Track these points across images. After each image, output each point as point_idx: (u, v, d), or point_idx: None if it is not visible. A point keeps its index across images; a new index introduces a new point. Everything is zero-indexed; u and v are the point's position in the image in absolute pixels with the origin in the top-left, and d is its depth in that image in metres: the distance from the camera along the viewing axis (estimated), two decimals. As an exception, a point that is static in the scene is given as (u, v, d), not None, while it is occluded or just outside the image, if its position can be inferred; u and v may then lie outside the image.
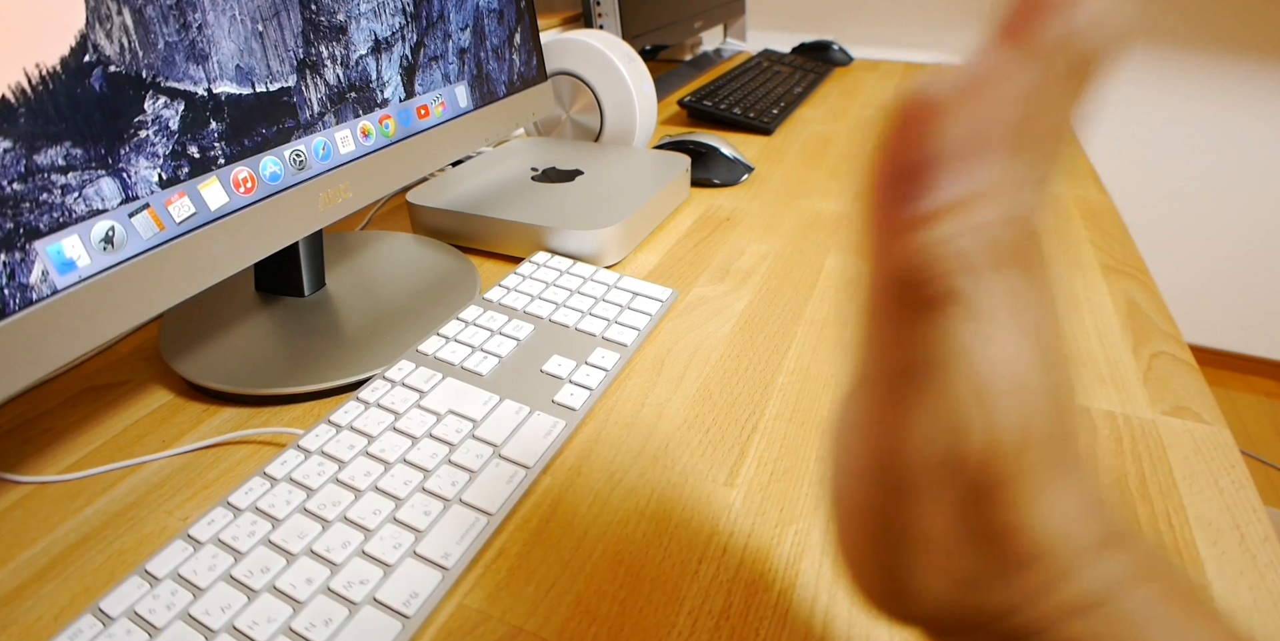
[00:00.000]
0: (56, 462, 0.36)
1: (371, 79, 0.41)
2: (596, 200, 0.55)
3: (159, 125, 0.30)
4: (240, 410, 0.39)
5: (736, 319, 0.46)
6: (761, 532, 0.31)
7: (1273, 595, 0.28)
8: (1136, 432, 0.37)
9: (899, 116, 0.11)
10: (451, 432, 0.34)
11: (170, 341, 0.42)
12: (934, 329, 0.12)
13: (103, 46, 0.28)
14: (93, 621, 0.25)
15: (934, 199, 0.11)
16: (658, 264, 0.53)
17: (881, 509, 0.14)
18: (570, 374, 0.39)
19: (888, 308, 0.12)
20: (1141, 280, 0.51)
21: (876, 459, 0.14)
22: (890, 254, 0.11)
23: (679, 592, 0.28)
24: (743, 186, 0.69)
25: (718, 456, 0.35)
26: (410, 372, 0.38)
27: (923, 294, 0.11)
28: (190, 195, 0.32)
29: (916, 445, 0.13)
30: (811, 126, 0.88)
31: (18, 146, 0.25)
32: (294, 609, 0.26)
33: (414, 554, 0.29)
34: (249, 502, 0.30)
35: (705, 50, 1.34)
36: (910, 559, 0.14)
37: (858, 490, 0.14)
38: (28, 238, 0.26)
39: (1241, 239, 1.60)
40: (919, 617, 0.15)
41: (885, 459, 0.14)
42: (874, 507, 0.14)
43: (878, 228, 0.12)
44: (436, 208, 0.55)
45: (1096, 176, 0.72)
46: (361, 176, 0.41)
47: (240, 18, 0.33)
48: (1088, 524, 0.14)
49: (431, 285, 0.49)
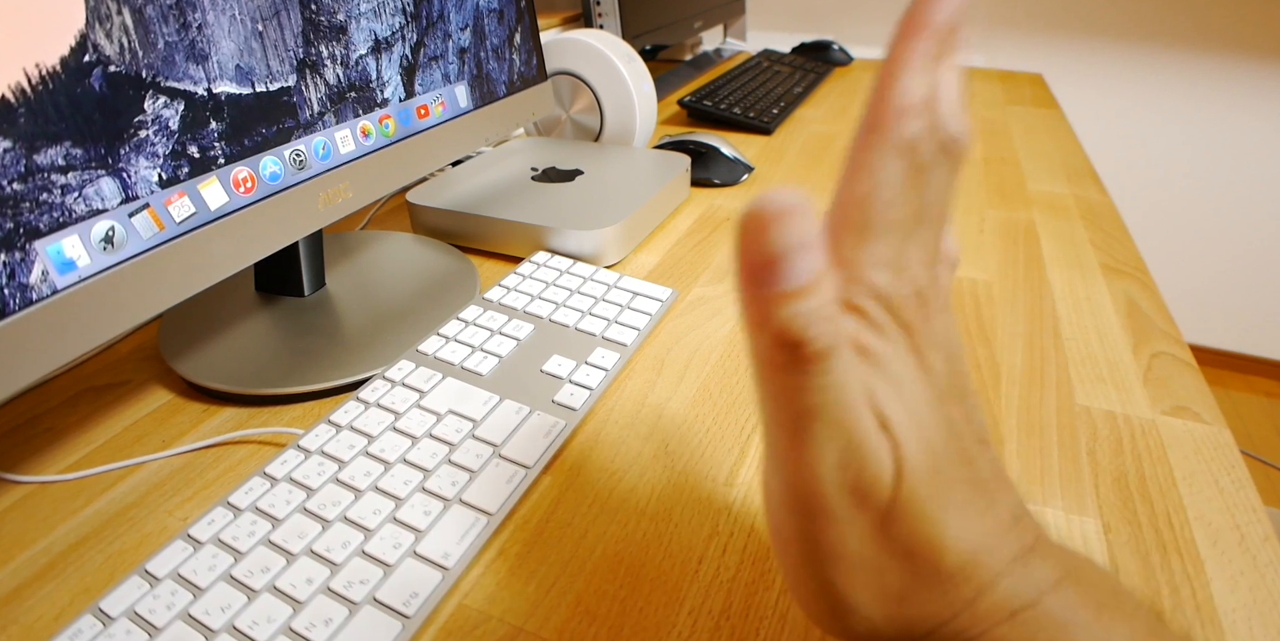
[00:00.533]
0: (56, 462, 0.36)
1: (371, 79, 0.41)
2: (596, 200, 0.55)
3: (159, 125, 0.30)
4: (240, 410, 0.39)
5: (736, 319, 0.46)
6: (761, 532, 0.31)
7: (1273, 595, 0.28)
8: (1136, 432, 0.37)
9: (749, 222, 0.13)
10: (451, 432, 0.34)
11: (170, 341, 0.42)
12: (812, 379, 0.14)
13: (103, 46, 0.28)
14: (93, 621, 0.25)
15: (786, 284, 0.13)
16: (658, 264, 0.53)
17: (807, 536, 0.16)
18: (570, 374, 0.39)
19: (773, 365, 0.14)
20: (1141, 280, 0.51)
21: (793, 493, 0.15)
22: (763, 326, 0.14)
23: (679, 592, 0.28)
24: (743, 186, 0.69)
25: (718, 456, 0.35)
26: (410, 372, 0.38)
27: (797, 353, 0.13)
28: (190, 195, 0.32)
29: (822, 476, 0.15)
30: (811, 126, 0.88)
31: (18, 146, 0.25)
32: (294, 609, 0.26)
33: (414, 554, 0.29)
34: (249, 502, 0.30)
35: (705, 50, 1.34)
36: (840, 578, 0.16)
37: (785, 520, 0.16)
38: (28, 237, 0.26)
39: (1241, 239, 1.60)
40: (861, 632, 0.16)
41: (799, 492, 0.15)
42: (801, 535, 0.16)
43: (748, 307, 0.14)
44: (436, 207, 0.55)
45: (1096, 176, 0.72)
46: (361, 176, 0.41)
47: (240, 17, 0.33)
48: (1005, 537, 0.16)
49: (431, 285, 0.49)
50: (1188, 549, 0.30)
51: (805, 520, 0.16)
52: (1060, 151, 0.80)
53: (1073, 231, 0.59)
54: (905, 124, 0.15)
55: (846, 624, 0.16)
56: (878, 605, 0.16)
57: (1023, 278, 0.52)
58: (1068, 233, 0.59)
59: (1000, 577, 0.15)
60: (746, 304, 0.14)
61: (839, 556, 0.15)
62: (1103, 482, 0.33)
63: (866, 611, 0.16)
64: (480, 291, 0.49)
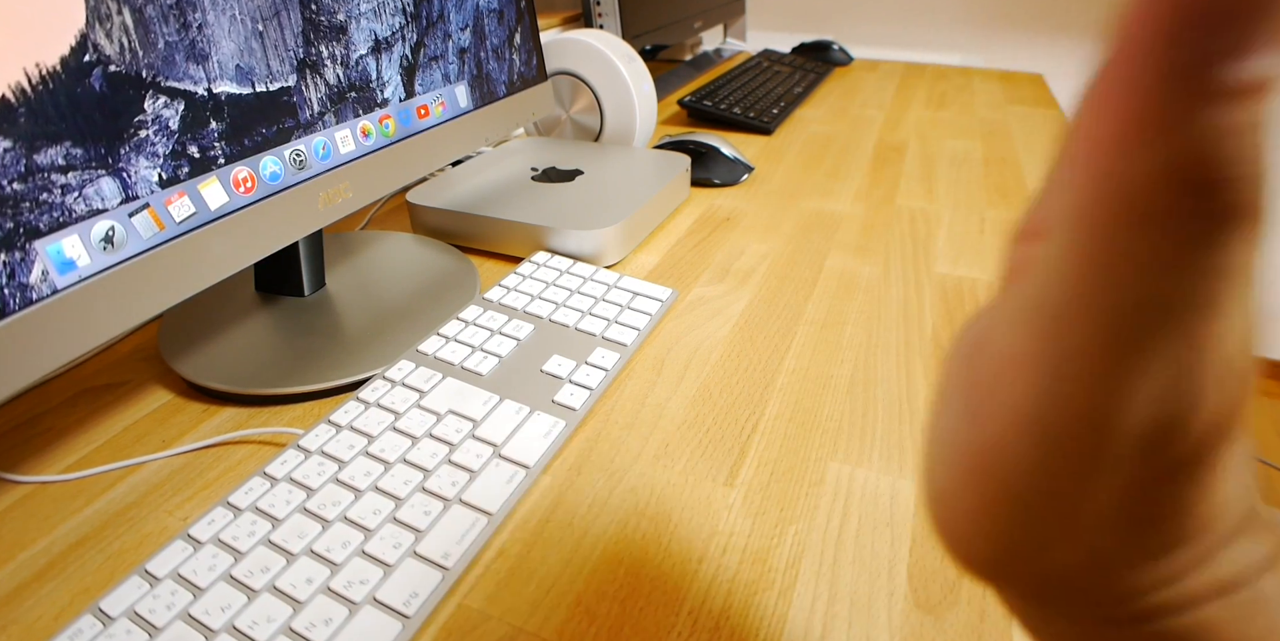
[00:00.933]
0: (56, 462, 0.36)
1: (371, 79, 0.41)
2: (596, 200, 0.55)
3: (159, 125, 0.30)
4: (240, 410, 0.39)
5: (736, 319, 0.46)
6: (761, 532, 0.31)
7: (1273, 595, 0.28)
8: (1136, 432, 0.37)
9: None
10: (451, 432, 0.34)
11: (170, 341, 0.42)
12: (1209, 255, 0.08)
13: (103, 46, 0.28)
14: (93, 621, 0.25)
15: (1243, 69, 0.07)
16: (658, 264, 0.53)
17: (1037, 471, 0.11)
18: (570, 374, 0.39)
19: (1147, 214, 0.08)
20: (1141, 280, 0.51)
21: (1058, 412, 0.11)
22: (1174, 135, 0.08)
23: (679, 592, 0.28)
24: (743, 186, 0.69)
25: (718, 456, 0.35)
26: (410, 372, 0.38)
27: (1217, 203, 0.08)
28: (190, 195, 0.32)
29: (1132, 406, 0.10)
30: (811, 126, 0.88)
31: (18, 146, 0.25)
32: (294, 609, 0.26)
33: (414, 554, 0.29)
34: (249, 502, 0.30)
35: (705, 50, 1.34)
36: (1052, 529, 0.11)
37: (1004, 440, 0.11)
38: (28, 237, 0.26)
39: (1241, 239, 1.60)
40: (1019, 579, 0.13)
41: (1073, 414, 0.10)
42: (1024, 466, 0.11)
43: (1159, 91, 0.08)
44: (436, 207, 0.55)
45: (1096, 176, 0.72)
46: (361, 176, 0.41)
47: (240, 17, 0.33)
48: (1240, 503, 0.12)
49: (431, 285, 0.49)
50: (1188, 549, 0.30)
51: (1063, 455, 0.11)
52: (1060, 151, 0.80)
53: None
54: None
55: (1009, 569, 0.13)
56: (1077, 565, 0.12)
57: (1023, 278, 0.52)
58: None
59: (1221, 549, 0.12)
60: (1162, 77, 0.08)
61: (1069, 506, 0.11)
62: (1103, 482, 0.33)
63: (1055, 567, 0.12)
64: (480, 291, 0.49)
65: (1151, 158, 0.08)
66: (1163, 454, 0.10)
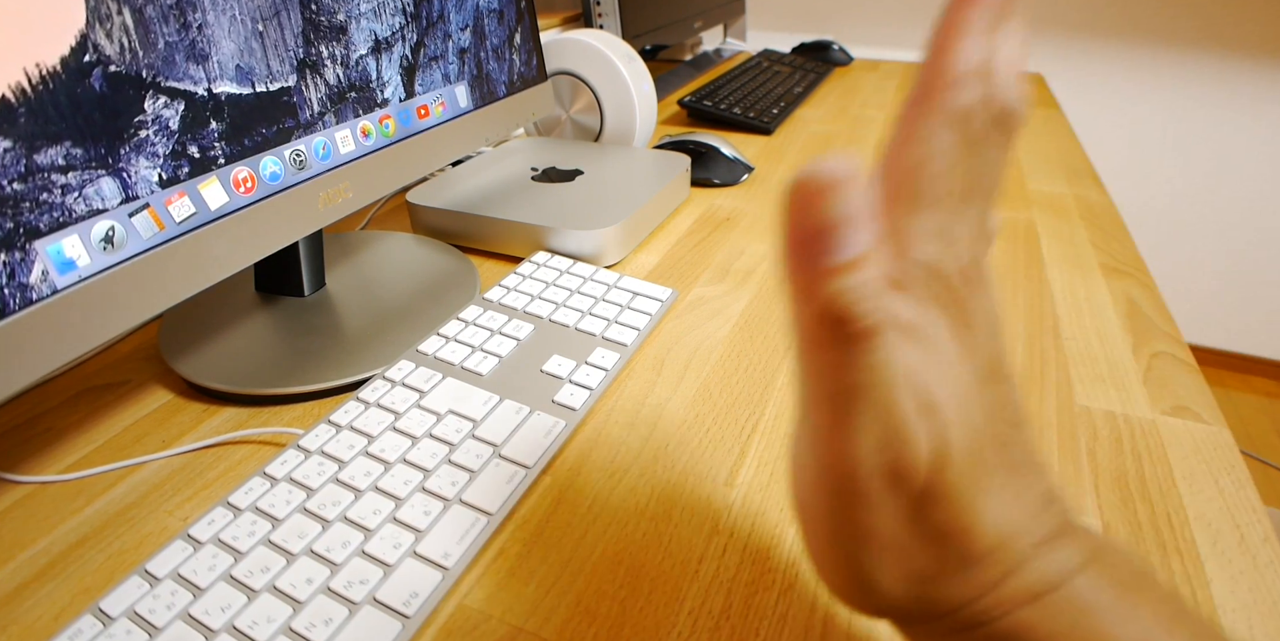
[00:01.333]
0: (56, 462, 0.36)
1: (371, 79, 0.41)
2: (596, 200, 0.55)
3: (159, 125, 0.30)
4: (240, 410, 0.39)
5: (736, 319, 0.46)
6: (761, 532, 0.31)
7: (1273, 595, 0.28)
8: (1136, 432, 0.37)
9: (799, 191, 0.12)
10: (451, 432, 0.34)
11: (170, 341, 0.42)
12: (860, 356, 0.13)
13: (103, 46, 0.28)
14: (93, 621, 0.25)
15: (836, 257, 0.12)
16: (658, 264, 0.53)
17: (838, 515, 0.15)
18: (570, 374, 0.39)
19: (817, 342, 0.14)
20: (1141, 280, 0.51)
21: (828, 472, 0.15)
22: (809, 300, 0.13)
23: (679, 592, 0.28)
24: (743, 186, 0.69)
25: (718, 456, 0.35)
26: (410, 372, 0.38)
27: (844, 330, 0.13)
28: (190, 195, 0.32)
29: (860, 458, 0.14)
30: (811, 126, 0.88)
31: (18, 146, 0.25)
32: (294, 609, 0.26)
33: (414, 554, 0.29)
34: (249, 502, 0.30)
35: (705, 50, 1.34)
36: (869, 558, 0.16)
37: (815, 498, 0.16)
38: (28, 237, 0.26)
39: (1241, 239, 1.60)
40: (884, 609, 0.16)
41: (834, 472, 0.15)
42: (832, 514, 0.16)
43: (794, 280, 0.13)
44: (436, 207, 0.55)
45: (1096, 176, 0.72)
46: (361, 176, 0.41)
47: (240, 17, 0.33)
48: (1037, 520, 0.15)
49: (431, 285, 0.49)
50: (1188, 549, 0.30)
51: (837, 499, 0.15)
52: (1060, 151, 0.80)
53: (1072, 231, 0.59)
54: (958, 93, 0.14)
55: (869, 600, 0.16)
56: (903, 585, 0.16)
57: (1023, 277, 0.52)
58: (1067, 232, 0.59)
59: (1027, 561, 0.15)
60: (793, 277, 0.13)
61: (868, 537, 0.15)
62: (1102, 482, 0.33)
63: (891, 590, 0.16)
64: (480, 291, 0.49)
65: (808, 308, 0.13)
66: (908, 484, 0.14)
